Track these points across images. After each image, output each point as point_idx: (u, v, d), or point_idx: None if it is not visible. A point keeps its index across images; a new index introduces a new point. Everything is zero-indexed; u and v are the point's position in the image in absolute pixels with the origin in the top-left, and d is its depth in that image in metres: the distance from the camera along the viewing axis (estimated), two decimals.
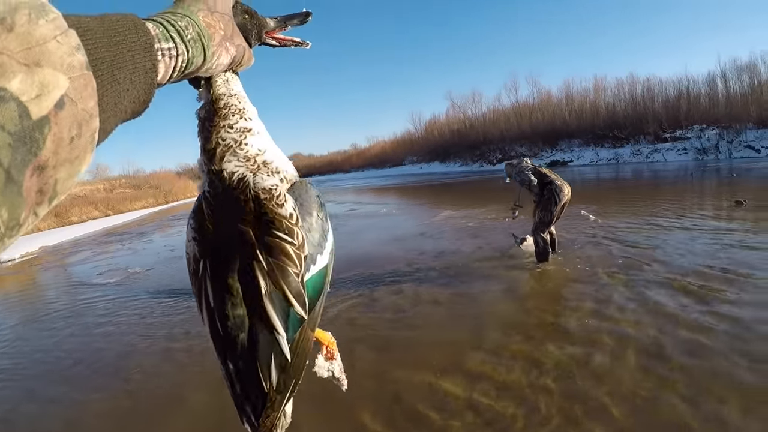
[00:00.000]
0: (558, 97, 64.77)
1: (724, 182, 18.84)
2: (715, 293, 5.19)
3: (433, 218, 13.08)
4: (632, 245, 7.76)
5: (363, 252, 9.18)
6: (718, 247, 7.39)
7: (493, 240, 9.04)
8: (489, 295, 5.73)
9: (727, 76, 51.33)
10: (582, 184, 22.86)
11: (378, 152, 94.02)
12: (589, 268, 6.49)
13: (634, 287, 5.55)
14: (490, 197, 15.99)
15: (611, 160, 48.40)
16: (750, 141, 42.84)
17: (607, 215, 11.13)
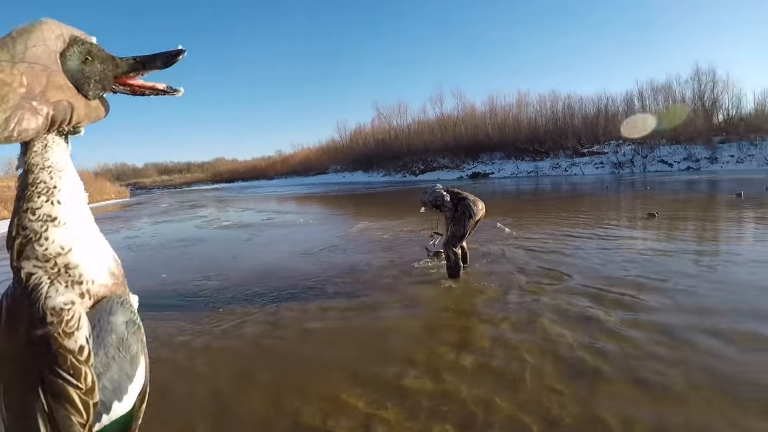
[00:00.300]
0: (482, 110, 66.98)
1: (638, 195, 19.60)
2: (632, 301, 5.20)
3: (349, 229, 12.81)
4: (546, 257, 7.76)
5: (273, 264, 8.76)
6: (631, 256, 7.56)
7: (406, 254, 8.80)
8: (398, 311, 5.45)
9: (644, 95, 54.28)
10: (501, 197, 23.37)
11: (302, 159, 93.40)
12: (500, 283, 6.33)
13: (546, 301, 5.42)
14: (408, 209, 15.81)
15: (531, 173, 50.43)
16: (663, 156, 45.43)
17: (522, 227, 11.19)
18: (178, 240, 13.74)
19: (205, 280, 8.04)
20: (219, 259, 9.95)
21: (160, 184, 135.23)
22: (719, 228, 10.45)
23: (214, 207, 29.66)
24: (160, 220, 22.05)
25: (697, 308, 4.98)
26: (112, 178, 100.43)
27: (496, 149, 58.51)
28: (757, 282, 5.82)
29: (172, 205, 35.79)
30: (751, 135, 43.76)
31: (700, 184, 24.81)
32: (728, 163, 41.93)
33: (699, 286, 5.80)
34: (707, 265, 6.89)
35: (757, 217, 11.23)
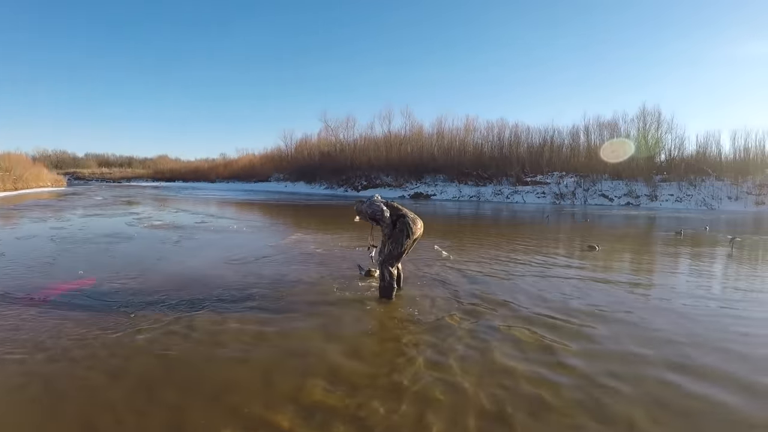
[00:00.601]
0: (429, 132, 66.88)
1: (578, 227, 19.84)
2: (563, 342, 4.92)
3: (282, 240, 12.31)
4: (483, 286, 7.42)
5: (198, 271, 8.23)
6: (569, 290, 7.33)
7: (338, 270, 8.40)
8: (322, 333, 5.03)
9: (590, 130, 55.52)
10: (442, 218, 23.32)
11: (245, 165, 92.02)
12: (433, 310, 5.98)
13: (479, 335, 5.08)
14: (345, 224, 15.46)
15: (473, 197, 50.60)
16: (604, 190, 46.58)
17: (460, 252, 10.93)
18: (105, 236, 13.01)
19: (124, 280, 7.52)
20: (143, 260, 9.36)
21: (98, 176, 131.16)
22: (657, 262, 10.62)
23: (149, 205, 28.59)
24: (91, 213, 21.04)
25: (640, 340, 4.86)
26: (50, 165, 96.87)
27: (440, 171, 58.31)
28: (692, 315, 5.83)
29: (106, 199, 34.47)
30: (690, 176, 45.30)
31: (640, 220, 25.40)
32: (667, 201, 43.15)
33: (639, 317, 5.77)
34: (646, 297, 6.93)
35: (693, 254, 11.42)
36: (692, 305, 6.55)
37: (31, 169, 61.75)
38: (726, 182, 44.13)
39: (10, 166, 51.69)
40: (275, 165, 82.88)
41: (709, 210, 38.76)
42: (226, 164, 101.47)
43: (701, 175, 45.19)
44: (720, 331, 5.41)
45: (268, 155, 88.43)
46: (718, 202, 41.83)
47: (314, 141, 79.55)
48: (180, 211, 23.83)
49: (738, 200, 42.01)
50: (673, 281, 8.42)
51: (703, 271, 9.44)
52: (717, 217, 29.28)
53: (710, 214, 32.37)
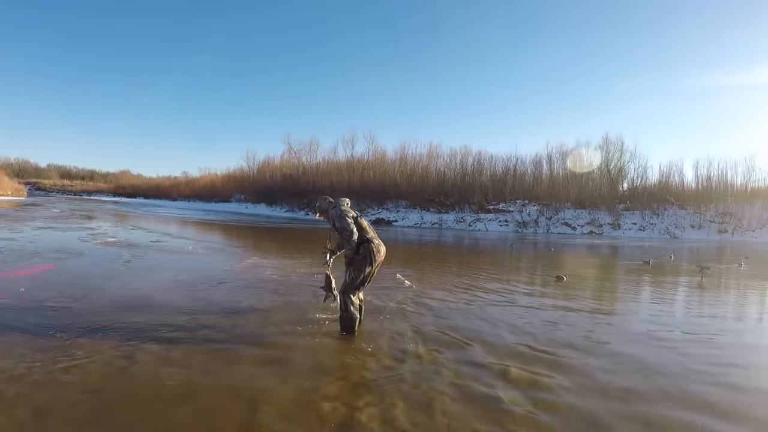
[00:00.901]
0: (392, 157, 66.64)
1: (543, 256, 19.65)
2: (536, 377, 4.63)
3: (238, 264, 11.68)
4: (448, 319, 7.02)
5: (146, 294, 7.66)
6: (538, 321, 7.08)
7: (295, 298, 7.88)
8: (274, 370, 4.55)
9: (553, 159, 56.02)
10: (403, 246, 22.84)
11: (207, 184, 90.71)
12: (395, 346, 5.52)
13: (445, 373, 4.70)
14: (304, 248, 15.04)
15: (435, 224, 50.23)
16: (567, 219, 46.94)
17: (424, 281, 10.54)
18: (55, 250, 12.34)
19: (66, 301, 6.97)
20: (90, 279, 8.77)
21: (60, 188, 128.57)
22: (628, 292, 10.58)
23: (106, 220, 27.59)
24: (46, 226, 20.15)
25: (613, 388, 4.50)
26: (12, 173, 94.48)
27: (402, 197, 57.92)
28: (675, 358, 5.45)
29: (64, 212, 33.41)
30: (653, 205, 46.05)
31: (604, 249, 25.65)
32: (630, 230, 43.90)
33: (613, 360, 5.39)
34: (618, 333, 6.60)
35: (663, 283, 11.46)
36: (665, 333, 6.57)
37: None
38: (689, 211, 45.13)
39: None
40: (237, 186, 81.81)
41: (672, 239, 39.44)
42: (188, 183, 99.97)
43: (664, 204, 46.14)
44: (706, 362, 5.30)
45: (231, 175, 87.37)
46: (681, 230, 42.62)
47: (277, 163, 78.96)
48: (136, 228, 22.96)
49: (701, 229, 42.93)
50: (647, 311, 8.39)
51: (675, 299, 9.64)
52: (680, 246, 29.79)
53: (674, 243, 32.88)
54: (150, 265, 10.93)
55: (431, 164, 63.31)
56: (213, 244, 16.74)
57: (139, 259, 11.78)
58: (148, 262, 11.29)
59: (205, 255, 13.39)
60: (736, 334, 6.91)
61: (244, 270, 10.77)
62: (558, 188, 51.43)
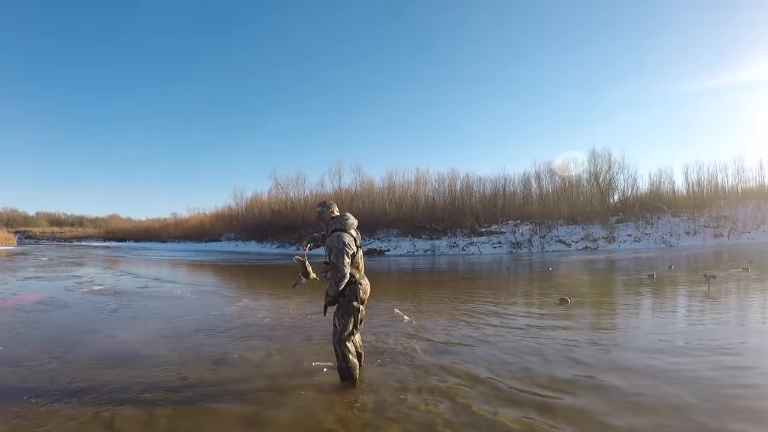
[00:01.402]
0: (380, 186, 65.42)
1: (542, 277, 19.05)
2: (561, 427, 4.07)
3: (228, 308, 11.11)
4: (454, 357, 6.49)
5: (130, 348, 7.15)
6: (551, 354, 6.54)
7: (289, 344, 7.33)
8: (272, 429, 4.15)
9: (541, 176, 55.78)
10: (397, 276, 22.21)
11: (196, 225, 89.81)
12: (401, 392, 5.03)
13: (463, 418, 4.25)
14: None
15: (428, 251, 49.06)
16: (561, 236, 46.43)
17: (422, 314, 10.01)
18: (39, 302, 11.82)
19: (45, 359, 6.49)
20: (72, 333, 8.30)
21: (50, 235, 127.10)
22: (638, 312, 10.19)
23: (94, 267, 26.89)
24: (32, 276, 19.59)
25: (654, 413, 4.07)
26: (1, 223, 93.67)
27: (393, 226, 56.57)
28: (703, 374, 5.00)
29: (53, 260, 32.76)
30: (646, 214, 45.73)
31: (603, 264, 25.18)
32: (625, 242, 43.46)
33: (641, 385, 5.03)
34: (640, 354, 6.25)
35: (670, 297, 11.07)
36: (693, 357, 6.05)
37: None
38: (683, 218, 44.93)
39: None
40: (226, 224, 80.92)
41: (668, 247, 39.15)
42: (177, 224, 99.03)
43: (657, 213, 45.82)
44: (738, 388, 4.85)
45: (219, 214, 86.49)
46: (677, 238, 42.31)
47: (265, 199, 78.09)
48: (124, 273, 22.27)
49: (696, 235, 42.68)
50: (663, 331, 7.94)
51: (690, 314, 9.33)
52: (677, 254, 29.45)
53: (670, 252, 32.58)
54: (136, 314, 10.38)
55: (420, 190, 62.30)
56: (203, 287, 16.10)
57: (125, 307, 11.23)
58: (135, 311, 10.75)
59: (193, 300, 12.81)
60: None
61: (235, 314, 10.21)
62: (549, 205, 50.93)
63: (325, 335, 7.31)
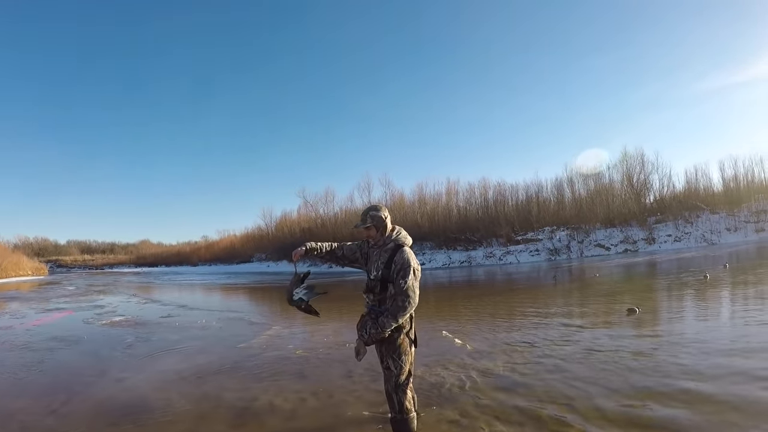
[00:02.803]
0: (411, 199, 63.94)
1: (591, 284, 17.52)
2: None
3: (255, 338, 9.91)
4: (525, 389, 5.33)
5: (140, 395, 6.08)
6: (649, 381, 5.31)
7: (325, 383, 6.16)
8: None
9: (574, 180, 54.24)
10: (436, 292, 20.58)
11: (227, 246, 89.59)
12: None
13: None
14: (331, 308, 13.25)
15: (464, 262, 47.42)
16: (600, 240, 44.59)
17: (473, 335, 8.79)
18: (52, 338, 11.00)
19: (41, 412, 5.55)
20: (77, 377, 7.32)
21: (81, 263, 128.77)
22: (719, 315, 9.10)
23: (120, 294, 26.14)
24: (53, 308, 18.79)
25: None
26: (32, 253, 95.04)
27: (426, 239, 54.45)
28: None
29: (79, 288, 32.35)
30: (685, 213, 43.92)
31: (650, 268, 23.48)
32: (666, 243, 41.44)
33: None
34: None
35: (743, 297, 9.74)
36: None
37: (10, 258, 59.73)
38: (722, 214, 42.90)
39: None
40: (256, 244, 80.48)
41: (710, 245, 37.29)
42: (208, 246, 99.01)
43: (695, 211, 43.98)
44: None
45: (249, 235, 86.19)
46: (718, 235, 40.35)
47: (294, 218, 77.48)
48: (150, 301, 21.37)
49: (737, 231, 40.68)
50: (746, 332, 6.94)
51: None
52: (723, 252, 27.84)
53: (714, 250, 30.94)
54: (152, 350, 9.32)
55: (451, 201, 60.55)
56: (230, 314, 14.86)
57: (142, 341, 10.22)
58: (152, 345, 9.71)
59: (219, 329, 11.68)
60: None
61: (263, 346, 9.04)
62: (584, 209, 49.25)
63: (369, 368, 6.20)
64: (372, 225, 4.20)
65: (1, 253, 60.07)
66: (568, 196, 54.03)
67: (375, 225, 4.20)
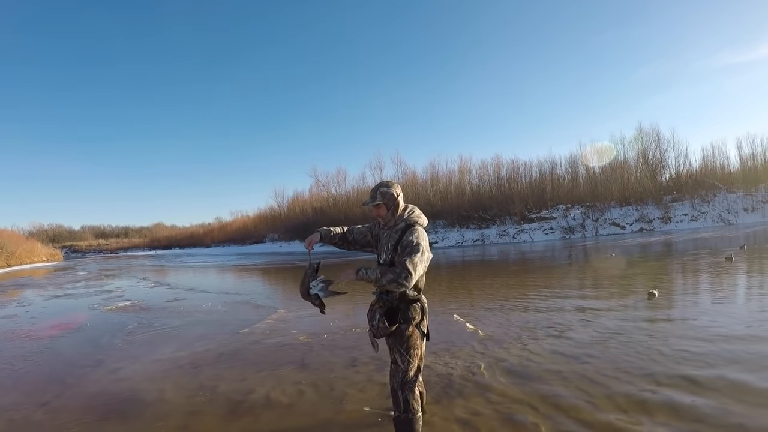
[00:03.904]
0: (423, 177, 63.56)
1: (608, 265, 16.96)
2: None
3: (259, 323, 9.61)
4: (542, 384, 4.91)
5: (131, 389, 5.77)
6: (659, 365, 5.05)
7: (327, 374, 5.84)
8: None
9: (585, 159, 53.59)
10: (448, 271, 20.27)
11: (240, 227, 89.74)
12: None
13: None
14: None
15: (477, 241, 47.28)
16: (615, 218, 44.19)
17: (485, 320, 8.42)
18: (54, 326, 10.77)
19: (31, 407, 5.32)
20: (73, 367, 7.08)
21: (95, 247, 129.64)
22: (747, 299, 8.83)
23: (129, 278, 26.07)
24: (61, 294, 18.64)
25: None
26: (46, 239, 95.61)
27: (439, 217, 54.11)
28: None
29: (91, 273, 32.38)
30: (701, 192, 43.32)
31: (666, 248, 23.06)
32: (682, 222, 41.06)
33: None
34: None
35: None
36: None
37: (25, 245, 59.91)
38: (739, 194, 42.25)
39: (1, 243, 49.70)
40: (269, 225, 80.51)
41: (727, 225, 36.83)
42: (221, 227, 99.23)
43: (712, 190, 43.32)
44: None
45: (262, 215, 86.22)
46: (735, 215, 39.88)
47: (306, 197, 77.36)
48: (158, 284, 21.23)
49: (755, 211, 40.16)
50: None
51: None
52: (740, 232, 27.33)
53: (731, 230, 30.47)
54: (152, 337, 9.08)
55: (464, 179, 60.12)
56: (236, 297, 14.67)
57: (144, 328, 9.98)
58: (153, 332, 9.49)
59: (223, 313, 11.44)
60: None
61: (266, 332, 8.75)
62: (599, 187, 48.64)
63: (374, 357, 5.89)
64: (382, 203, 3.79)
65: (15, 240, 60.20)
66: (583, 174, 53.34)
67: (386, 203, 3.79)
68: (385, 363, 3.96)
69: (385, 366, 3.91)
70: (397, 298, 3.67)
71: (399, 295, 3.66)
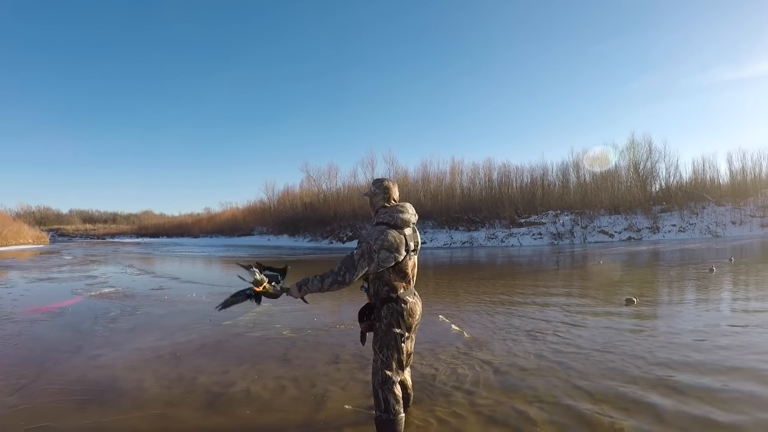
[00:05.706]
0: (414, 177, 63.33)
1: (595, 272, 17.04)
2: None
3: (243, 315, 9.37)
4: (526, 389, 4.83)
5: (109, 377, 5.69)
6: (650, 378, 4.68)
7: (310, 369, 5.80)
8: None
9: (579, 164, 53.83)
10: (435, 272, 20.29)
11: (228, 219, 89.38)
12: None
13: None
14: None
15: (465, 243, 47.17)
16: (604, 226, 44.46)
17: (471, 322, 8.42)
18: (34, 309, 10.67)
19: (6, 390, 5.26)
20: (52, 352, 6.99)
21: (83, 232, 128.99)
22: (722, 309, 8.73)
23: (115, 265, 25.88)
24: (45, 277, 18.50)
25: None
26: (33, 221, 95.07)
27: (428, 217, 53.67)
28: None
29: (76, 258, 32.15)
30: (690, 204, 43.67)
31: (652, 257, 23.19)
32: (670, 233, 41.30)
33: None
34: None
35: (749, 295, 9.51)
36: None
37: (11, 226, 59.55)
38: (728, 207, 42.76)
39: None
40: (258, 218, 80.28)
41: (714, 237, 37.12)
42: (210, 218, 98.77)
43: (701, 202, 43.76)
44: None
45: (251, 208, 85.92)
46: (723, 228, 40.27)
47: (296, 192, 76.99)
48: (144, 272, 21.02)
49: (743, 224, 40.66)
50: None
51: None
52: (728, 245, 27.61)
53: (718, 242, 30.74)
54: (135, 324, 8.98)
55: (455, 181, 60.07)
56: (222, 288, 14.46)
57: (126, 316, 9.88)
58: (135, 320, 9.39)
59: (207, 304, 11.27)
60: None
61: (249, 325, 8.66)
62: (589, 195, 48.89)
63: (357, 354, 5.87)
64: (367, 195, 3.87)
65: (2, 221, 59.86)
66: (573, 181, 53.58)
67: (369, 196, 3.86)
68: (368, 361, 3.92)
69: (369, 363, 3.88)
70: (373, 295, 3.68)
71: (374, 292, 3.66)
